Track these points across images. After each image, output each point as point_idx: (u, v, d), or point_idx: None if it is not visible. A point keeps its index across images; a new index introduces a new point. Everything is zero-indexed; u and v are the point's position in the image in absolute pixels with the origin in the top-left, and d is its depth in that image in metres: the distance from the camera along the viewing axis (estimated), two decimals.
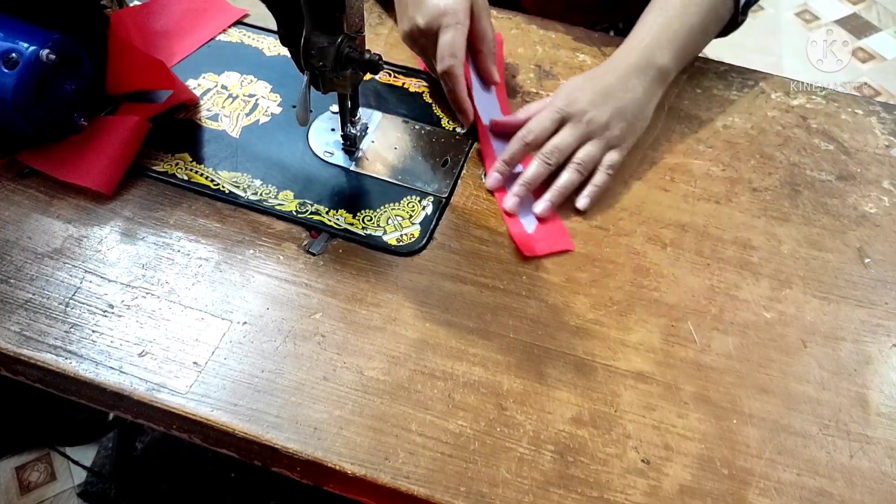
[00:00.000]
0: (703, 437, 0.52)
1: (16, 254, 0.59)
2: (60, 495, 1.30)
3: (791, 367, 0.56)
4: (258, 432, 0.51)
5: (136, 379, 0.53)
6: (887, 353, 0.57)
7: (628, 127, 0.67)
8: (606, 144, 0.67)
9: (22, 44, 0.59)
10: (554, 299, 0.59)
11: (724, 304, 0.60)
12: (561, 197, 0.66)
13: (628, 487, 0.50)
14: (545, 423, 0.52)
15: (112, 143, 0.65)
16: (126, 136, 0.65)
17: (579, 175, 0.66)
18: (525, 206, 0.65)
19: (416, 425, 0.52)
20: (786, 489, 0.50)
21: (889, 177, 0.70)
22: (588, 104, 0.66)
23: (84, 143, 0.65)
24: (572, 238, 0.63)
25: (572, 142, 0.66)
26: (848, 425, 0.53)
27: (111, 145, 0.64)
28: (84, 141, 0.65)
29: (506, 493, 0.49)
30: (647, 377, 0.55)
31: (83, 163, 0.64)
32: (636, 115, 0.68)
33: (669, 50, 0.70)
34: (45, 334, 0.55)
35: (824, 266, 0.63)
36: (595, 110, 0.66)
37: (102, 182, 0.63)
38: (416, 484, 0.49)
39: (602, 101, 0.67)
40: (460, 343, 0.56)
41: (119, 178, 0.64)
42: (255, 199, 0.64)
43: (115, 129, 0.66)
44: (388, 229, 0.63)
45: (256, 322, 0.57)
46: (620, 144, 0.67)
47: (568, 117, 0.66)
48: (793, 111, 0.75)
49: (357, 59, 0.56)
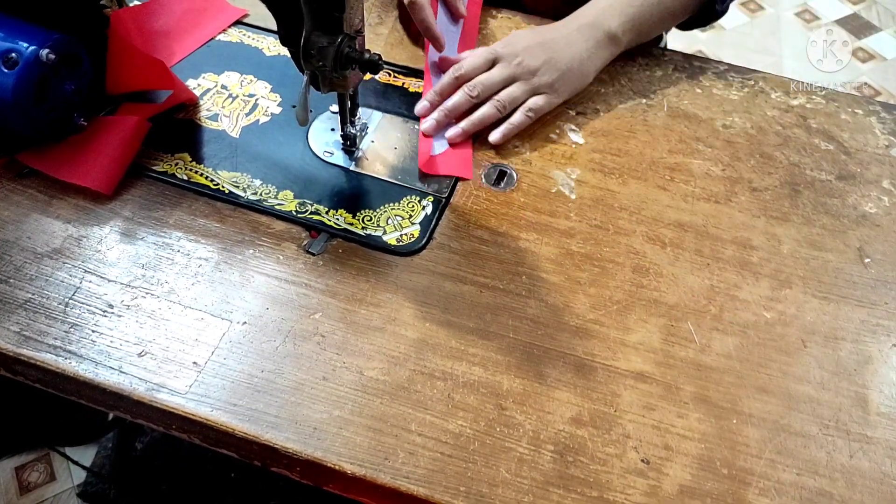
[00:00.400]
0: (702, 437, 0.52)
1: (15, 254, 0.59)
2: (60, 495, 1.30)
3: (791, 367, 0.56)
4: (257, 432, 0.51)
5: (135, 379, 0.53)
6: (887, 352, 0.57)
7: (560, 77, 0.70)
8: (532, 89, 0.70)
9: (21, 43, 0.59)
10: (554, 299, 0.59)
11: (724, 303, 0.60)
12: (474, 127, 0.69)
13: (628, 487, 0.50)
14: (545, 423, 0.52)
15: (112, 143, 0.65)
16: (126, 135, 0.65)
17: (496, 111, 0.69)
18: (441, 132, 0.69)
19: (416, 425, 0.52)
20: (786, 489, 0.50)
21: (889, 177, 0.70)
22: (523, 50, 0.70)
23: (84, 143, 0.65)
24: (571, 238, 0.63)
25: (498, 80, 0.70)
26: (848, 425, 0.53)
27: (111, 145, 0.64)
28: (84, 141, 0.65)
29: (505, 493, 0.49)
30: (647, 377, 0.55)
31: (83, 163, 0.64)
32: (571, 68, 0.71)
33: (621, 18, 0.73)
34: (45, 334, 0.55)
35: (824, 266, 0.63)
36: (528, 56, 0.70)
37: (102, 182, 0.63)
38: (416, 484, 0.49)
39: (538, 50, 0.70)
40: (460, 343, 0.56)
41: (119, 178, 0.64)
42: (255, 199, 0.64)
43: (114, 128, 0.65)
44: (387, 229, 0.63)
45: (256, 322, 0.57)
46: (548, 92, 0.70)
47: (500, 58, 0.70)
48: (793, 111, 0.75)
49: (357, 58, 0.56)
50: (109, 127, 0.66)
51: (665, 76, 0.77)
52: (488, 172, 0.68)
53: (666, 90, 0.76)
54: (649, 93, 0.76)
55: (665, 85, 0.76)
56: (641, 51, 0.79)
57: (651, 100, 0.75)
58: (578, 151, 0.70)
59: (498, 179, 0.67)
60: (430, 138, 0.69)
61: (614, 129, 0.72)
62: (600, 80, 0.76)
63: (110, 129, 0.65)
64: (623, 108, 0.74)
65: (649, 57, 0.79)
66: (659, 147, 0.71)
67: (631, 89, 0.76)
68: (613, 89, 0.76)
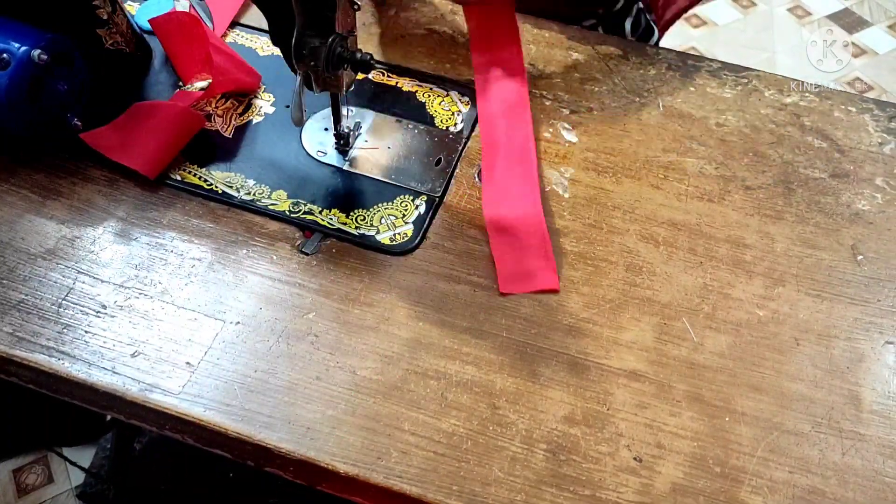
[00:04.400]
0: (695, 436, 0.52)
1: (9, 254, 0.59)
2: (58, 497, 1.30)
3: (784, 365, 0.56)
4: (251, 432, 0.51)
5: (128, 379, 0.53)
6: (880, 350, 0.57)
7: None
8: None
9: (13, 44, 0.59)
10: (547, 298, 0.59)
11: (718, 302, 0.60)
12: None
13: (621, 486, 0.50)
14: (538, 422, 0.52)
15: (162, 128, 0.65)
16: (175, 122, 0.66)
17: None
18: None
19: (409, 425, 0.52)
20: (778, 487, 0.50)
21: (883, 174, 0.70)
22: None
23: (135, 127, 0.65)
24: (564, 237, 0.63)
25: None
26: (840, 423, 0.53)
27: (161, 130, 0.65)
28: (136, 124, 0.66)
29: (498, 492, 0.49)
30: (640, 376, 0.55)
31: (132, 146, 0.64)
32: None
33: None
34: (38, 335, 0.55)
35: (818, 264, 0.63)
36: None
37: (149, 166, 0.64)
38: (409, 483, 0.49)
39: None
40: (453, 342, 0.56)
41: (165, 163, 0.65)
42: (249, 199, 0.64)
43: (166, 114, 0.66)
44: (381, 229, 0.63)
45: (249, 322, 0.57)
46: None
47: None
48: (786, 109, 0.75)
49: (349, 58, 0.56)
50: (161, 111, 0.66)
51: (658, 74, 0.77)
52: (482, 171, 0.68)
53: (659, 89, 0.76)
54: (643, 91, 0.76)
55: (658, 83, 0.76)
56: (635, 49, 0.79)
57: (644, 98, 0.75)
58: (572, 150, 0.70)
59: None
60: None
61: (608, 127, 0.72)
62: (594, 78, 0.76)
63: (161, 114, 0.66)
64: (616, 106, 0.74)
65: (643, 55, 0.79)
66: (652, 146, 0.71)
67: (624, 88, 0.76)
68: (607, 88, 0.76)
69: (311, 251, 0.61)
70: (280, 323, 0.57)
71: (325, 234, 0.62)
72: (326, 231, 0.62)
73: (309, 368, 0.54)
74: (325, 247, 0.62)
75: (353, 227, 0.63)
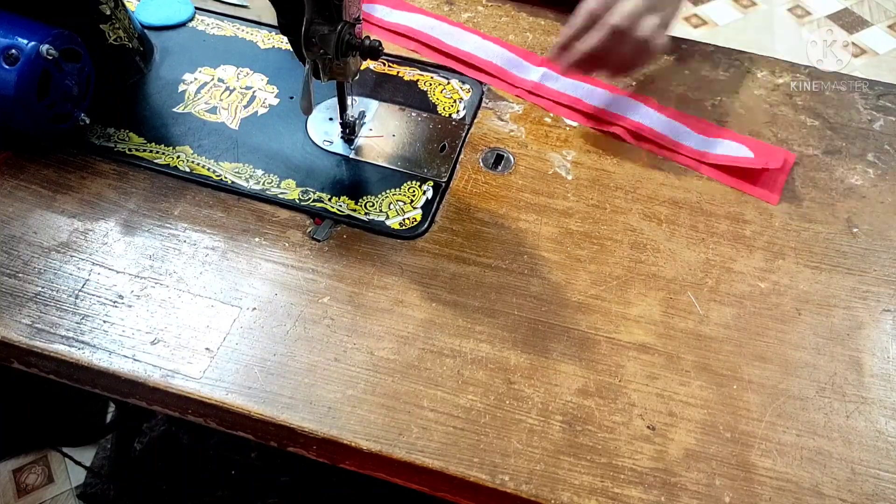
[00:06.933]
0: (705, 404, 0.54)
1: (22, 249, 0.60)
2: (58, 497, 1.30)
3: (787, 334, 0.58)
4: (273, 413, 0.52)
5: (149, 366, 0.54)
6: (878, 317, 0.59)
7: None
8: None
9: (21, 40, 0.59)
10: (556, 277, 0.61)
11: (721, 276, 0.61)
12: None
13: (636, 453, 0.51)
14: (553, 395, 0.54)
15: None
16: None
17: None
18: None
19: (428, 401, 0.53)
20: (787, 450, 0.52)
21: (873, 150, 0.72)
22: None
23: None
24: (569, 217, 0.65)
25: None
26: (843, 388, 0.55)
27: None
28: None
29: (518, 462, 0.50)
30: (649, 348, 0.57)
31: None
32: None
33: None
34: (57, 326, 0.56)
35: (815, 237, 0.65)
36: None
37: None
38: (431, 457, 0.50)
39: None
40: (467, 321, 0.57)
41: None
42: (258, 188, 0.65)
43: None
44: (390, 214, 0.64)
45: (266, 307, 0.57)
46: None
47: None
48: (779, 89, 0.77)
49: (358, 45, 0.57)
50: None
51: (653, 59, 0.79)
52: (486, 156, 0.69)
53: (655, 73, 0.77)
54: (639, 75, 0.77)
55: (654, 67, 0.78)
56: None
57: (640, 81, 0.77)
58: (573, 134, 0.72)
59: (496, 163, 0.69)
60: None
61: None
62: None
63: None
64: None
65: None
66: None
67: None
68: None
69: (323, 237, 0.62)
70: (296, 307, 0.58)
71: (335, 220, 0.63)
72: (336, 218, 0.63)
73: (327, 350, 0.55)
74: (336, 233, 0.63)
75: (363, 214, 0.64)
